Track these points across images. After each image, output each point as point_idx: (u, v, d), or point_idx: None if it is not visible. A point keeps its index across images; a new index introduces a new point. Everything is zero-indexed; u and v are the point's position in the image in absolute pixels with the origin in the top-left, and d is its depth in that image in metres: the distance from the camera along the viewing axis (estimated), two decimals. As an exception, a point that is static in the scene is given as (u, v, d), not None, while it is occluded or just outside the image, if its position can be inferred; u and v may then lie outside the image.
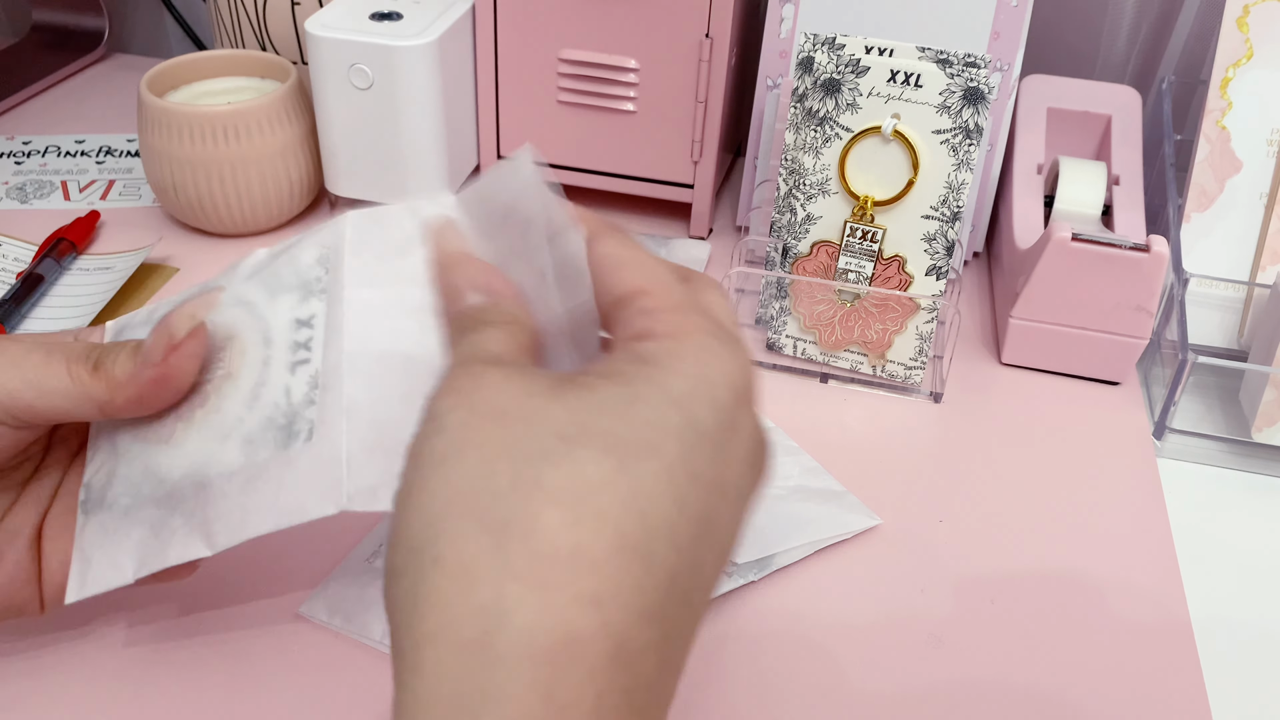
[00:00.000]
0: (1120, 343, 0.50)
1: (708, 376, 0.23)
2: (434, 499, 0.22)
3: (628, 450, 0.22)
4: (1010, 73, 0.54)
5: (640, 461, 0.22)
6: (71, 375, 0.31)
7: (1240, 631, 0.40)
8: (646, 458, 0.22)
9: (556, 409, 0.22)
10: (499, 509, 0.21)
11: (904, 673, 0.37)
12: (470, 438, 0.22)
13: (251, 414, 0.31)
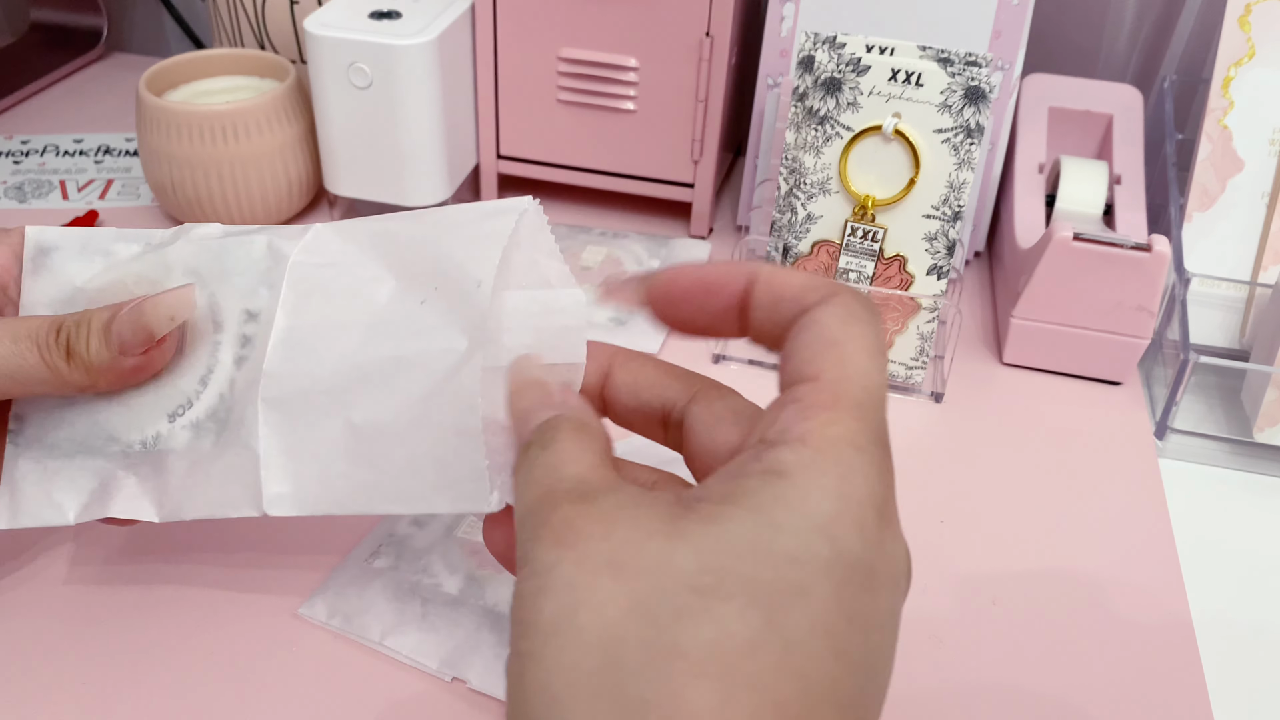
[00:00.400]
0: (1122, 342, 0.50)
1: (852, 494, 0.20)
2: (553, 676, 0.19)
3: (774, 598, 0.19)
4: (1011, 72, 0.54)
5: (791, 611, 0.19)
6: (47, 363, 0.31)
7: (1242, 631, 0.40)
8: (797, 605, 0.19)
9: (683, 552, 0.19)
10: (633, 686, 0.18)
11: (905, 673, 0.37)
12: (585, 599, 0.19)
13: (201, 398, 0.32)
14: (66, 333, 0.31)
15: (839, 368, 0.22)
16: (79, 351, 0.31)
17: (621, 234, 0.60)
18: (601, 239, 0.60)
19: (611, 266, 0.57)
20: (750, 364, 0.52)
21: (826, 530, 0.20)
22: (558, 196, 0.65)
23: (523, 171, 0.62)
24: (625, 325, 0.53)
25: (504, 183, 0.64)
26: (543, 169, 0.62)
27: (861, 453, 0.21)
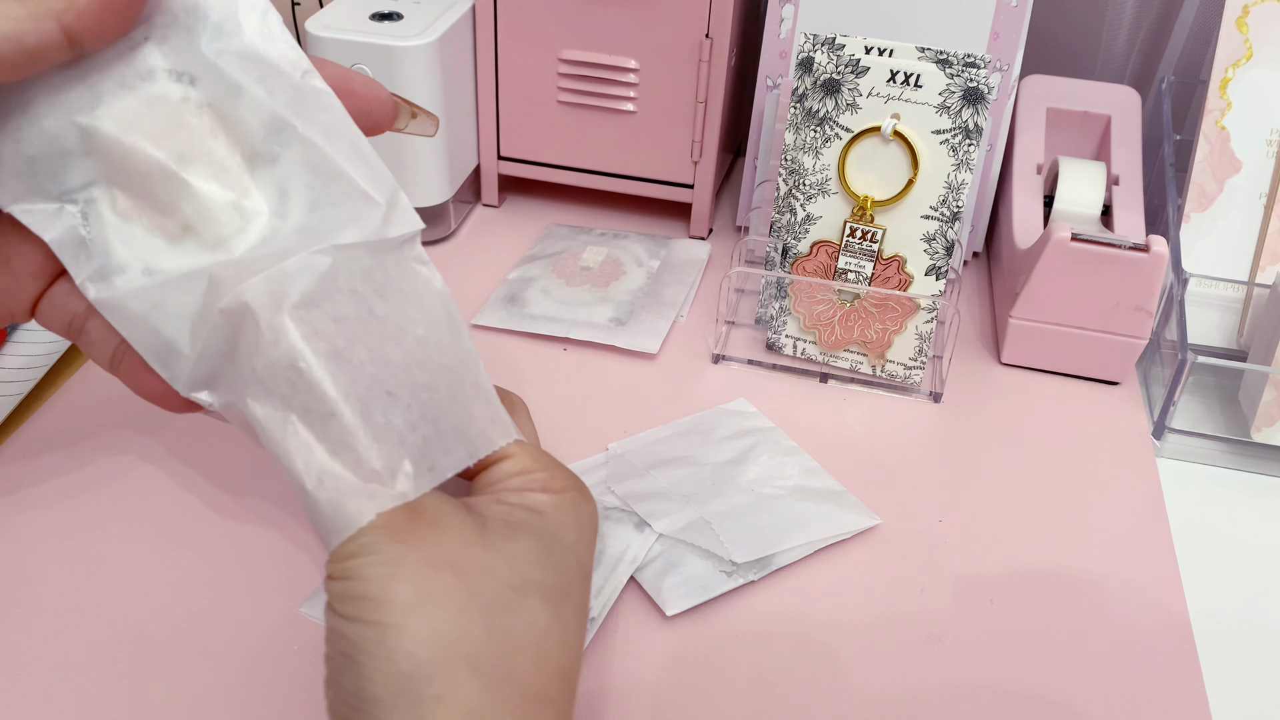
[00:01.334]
0: (1120, 343, 0.50)
1: (583, 526, 0.31)
2: (420, 642, 0.26)
3: (556, 596, 0.29)
4: (1010, 73, 0.54)
5: (564, 605, 0.29)
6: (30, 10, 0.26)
7: (1239, 631, 0.40)
8: (566, 600, 0.29)
9: (495, 560, 0.28)
10: (483, 655, 0.26)
11: (904, 672, 0.37)
12: (436, 588, 0.26)
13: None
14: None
15: (514, 444, 0.31)
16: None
17: (621, 234, 0.60)
18: (601, 239, 0.60)
19: (611, 266, 0.57)
20: (750, 364, 0.52)
21: (575, 550, 0.30)
22: (558, 197, 0.65)
23: (523, 172, 0.62)
24: (625, 326, 0.53)
25: (504, 183, 0.64)
26: (543, 169, 0.62)
27: (582, 494, 0.31)
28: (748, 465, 0.44)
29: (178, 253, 0.28)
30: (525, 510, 0.30)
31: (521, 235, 0.61)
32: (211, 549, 0.41)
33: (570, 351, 0.52)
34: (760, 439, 0.46)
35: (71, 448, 0.45)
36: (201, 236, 0.28)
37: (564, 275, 0.56)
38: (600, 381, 0.50)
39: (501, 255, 0.59)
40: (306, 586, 0.39)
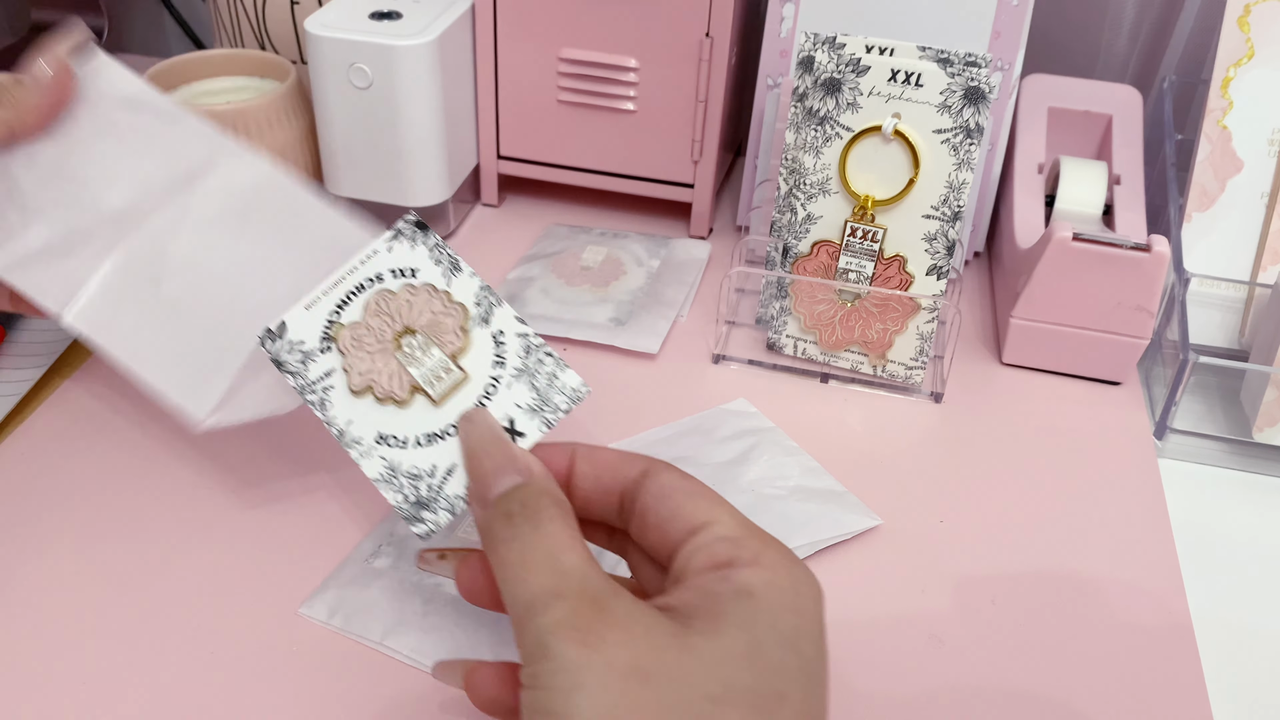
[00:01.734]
0: (1121, 343, 0.50)
1: (804, 609, 0.26)
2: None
3: (767, 704, 0.24)
4: (1011, 72, 0.54)
5: (777, 713, 0.24)
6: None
7: (1241, 631, 0.40)
8: (782, 707, 0.24)
9: (692, 664, 0.24)
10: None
11: (904, 673, 0.37)
12: (620, 702, 0.23)
13: (416, 448, 0.33)
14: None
15: (723, 508, 0.28)
16: (6, 96, 0.35)
17: (621, 234, 0.60)
18: (601, 239, 0.60)
19: (611, 266, 0.57)
20: (750, 364, 0.52)
21: (793, 644, 0.26)
22: (558, 196, 0.65)
23: (523, 171, 0.62)
24: (625, 325, 0.53)
25: (504, 183, 0.64)
26: (543, 169, 0.62)
27: (801, 568, 0.27)
28: (748, 465, 0.44)
29: (408, 416, 0.33)
30: (732, 594, 0.26)
31: (521, 235, 0.61)
32: (210, 549, 0.41)
33: (570, 351, 0.52)
34: (761, 439, 0.46)
35: (69, 446, 0.45)
36: (428, 395, 0.33)
37: (564, 275, 0.56)
38: (600, 382, 0.50)
39: (501, 255, 0.59)
40: (306, 586, 0.39)
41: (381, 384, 0.33)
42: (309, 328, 0.34)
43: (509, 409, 0.33)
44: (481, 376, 0.33)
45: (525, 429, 0.33)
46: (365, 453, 0.32)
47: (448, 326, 0.34)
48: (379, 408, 0.33)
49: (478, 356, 0.34)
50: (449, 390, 0.33)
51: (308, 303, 0.34)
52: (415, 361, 0.33)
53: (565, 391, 0.33)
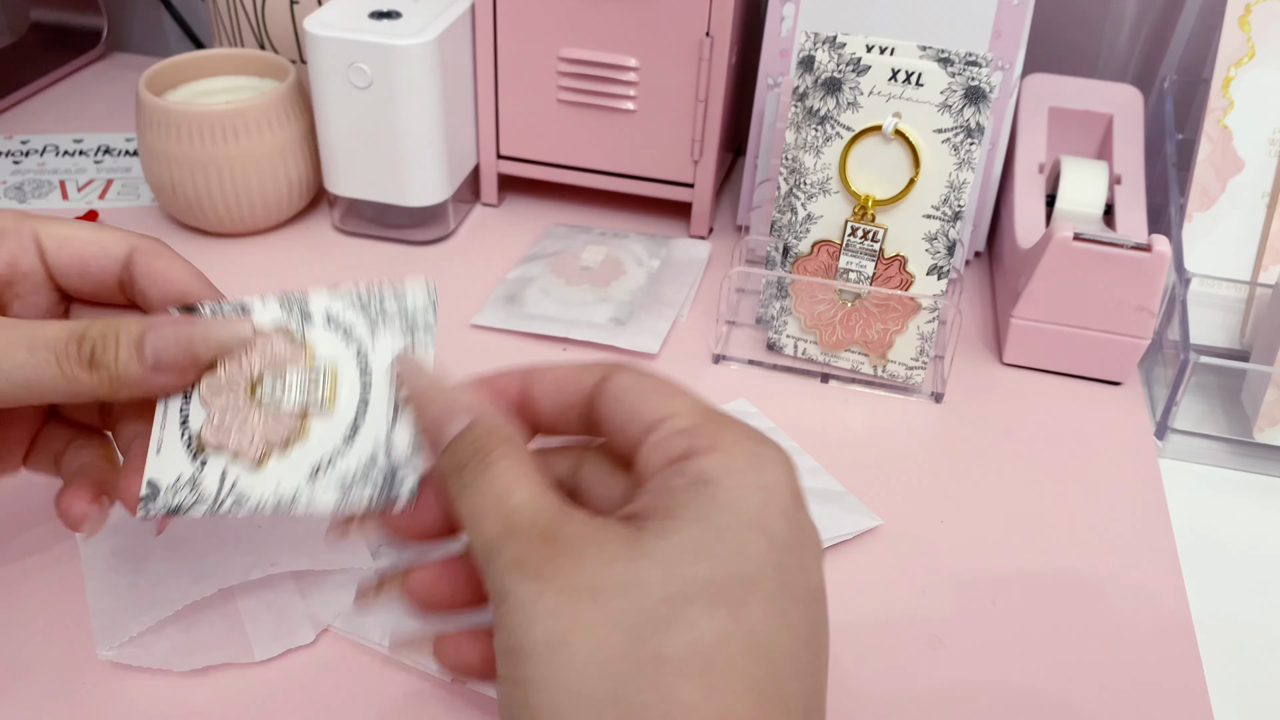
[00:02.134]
0: (1122, 343, 0.50)
1: (770, 485, 0.24)
2: (557, 695, 0.21)
3: (731, 593, 0.22)
4: (1011, 71, 0.54)
5: (747, 601, 0.22)
6: (65, 374, 0.29)
7: (1242, 631, 0.40)
8: (750, 594, 0.22)
9: (646, 568, 0.22)
10: (630, 694, 0.21)
11: (905, 674, 0.37)
12: (571, 625, 0.22)
13: (346, 454, 0.31)
14: (91, 343, 0.29)
15: (681, 400, 0.27)
16: (105, 363, 0.29)
17: (621, 234, 0.60)
18: (601, 239, 0.60)
19: (611, 266, 0.57)
20: (750, 364, 0.52)
21: (759, 523, 0.23)
22: (558, 196, 0.65)
23: (523, 171, 0.62)
24: (625, 325, 0.53)
25: (504, 183, 0.64)
26: (543, 169, 0.62)
27: (764, 444, 0.25)
28: (748, 466, 0.44)
29: (317, 438, 0.32)
30: (689, 484, 0.24)
31: (521, 235, 0.61)
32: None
33: (570, 351, 0.52)
34: (761, 439, 0.46)
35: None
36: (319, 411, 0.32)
37: (564, 275, 0.56)
38: (600, 381, 0.50)
39: (501, 255, 0.59)
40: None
41: (275, 438, 0.31)
42: (173, 461, 0.31)
43: (390, 356, 0.31)
44: (346, 358, 0.32)
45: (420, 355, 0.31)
46: (311, 498, 0.31)
47: (282, 349, 0.32)
48: (288, 454, 0.31)
49: (327, 348, 0.32)
50: (330, 392, 0.32)
51: (154, 449, 0.31)
52: (284, 398, 0.31)
53: (417, 302, 0.32)
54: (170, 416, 0.31)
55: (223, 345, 0.31)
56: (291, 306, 0.32)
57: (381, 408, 0.31)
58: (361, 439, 0.31)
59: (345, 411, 0.31)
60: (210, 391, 0.31)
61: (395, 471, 0.30)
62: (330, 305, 0.32)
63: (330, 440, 0.31)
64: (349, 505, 0.30)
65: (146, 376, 0.29)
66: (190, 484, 0.31)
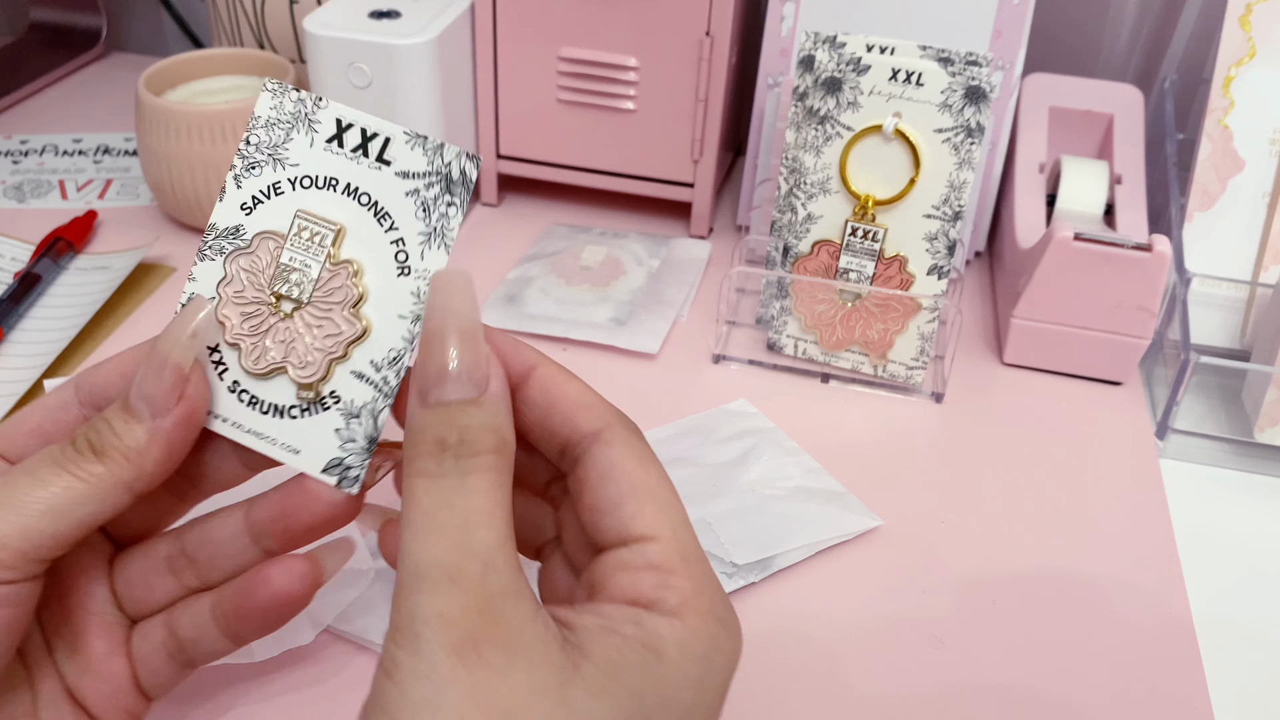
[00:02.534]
0: (1122, 343, 0.50)
1: (710, 683, 0.23)
2: None
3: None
4: (1012, 71, 0.54)
5: None
6: (79, 477, 0.26)
7: (1242, 632, 0.40)
8: None
9: (565, 717, 0.21)
10: None
11: (905, 674, 0.37)
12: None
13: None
14: (85, 436, 0.26)
15: (667, 521, 0.25)
16: (109, 444, 0.26)
17: (621, 234, 0.60)
18: (601, 239, 0.59)
19: (611, 266, 0.57)
20: (750, 364, 0.52)
21: (689, 714, 0.23)
22: (558, 196, 0.65)
23: (523, 171, 0.62)
24: (625, 325, 0.52)
25: (504, 182, 0.64)
26: (543, 169, 0.62)
27: (725, 627, 0.24)
28: (748, 466, 0.44)
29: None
30: (639, 645, 0.23)
31: (521, 234, 0.61)
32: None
33: (570, 351, 0.52)
34: (761, 440, 0.46)
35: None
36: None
37: (563, 275, 0.56)
38: (600, 382, 0.49)
39: (500, 255, 0.59)
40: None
41: (332, 342, 0.28)
42: (276, 426, 0.28)
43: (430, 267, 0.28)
44: (363, 225, 0.28)
45: (431, 264, 0.28)
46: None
47: (272, 256, 0.28)
48: (349, 358, 0.28)
49: (342, 214, 0.28)
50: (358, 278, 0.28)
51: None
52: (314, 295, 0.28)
53: (458, 172, 0.28)
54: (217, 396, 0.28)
55: (193, 329, 0.27)
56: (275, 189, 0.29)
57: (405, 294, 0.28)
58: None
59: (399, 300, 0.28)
60: (239, 330, 0.28)
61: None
62: (331, 168, 0.28)
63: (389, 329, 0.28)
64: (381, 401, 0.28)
65: (156, 429, 0.26)
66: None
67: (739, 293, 0.56)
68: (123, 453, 0.26)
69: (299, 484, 0.28)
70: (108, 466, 0.26)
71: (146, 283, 0.55)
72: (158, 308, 0.54)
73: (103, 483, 0.26)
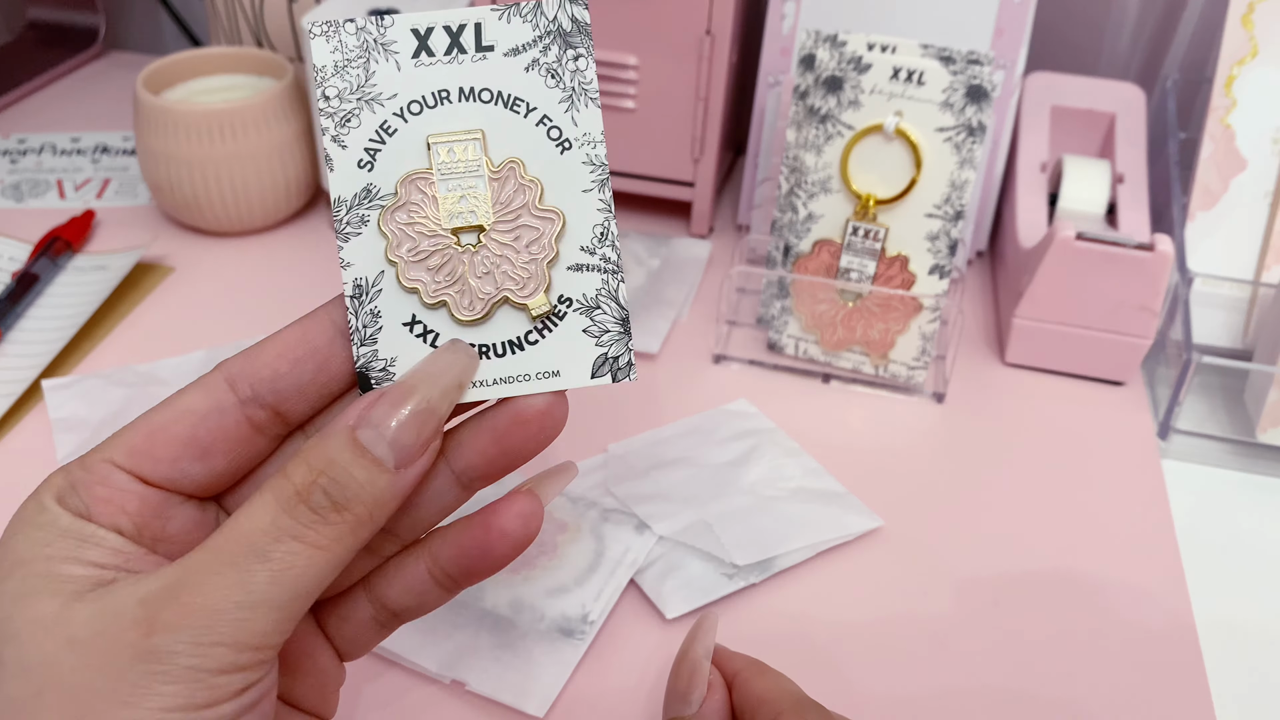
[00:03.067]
0: (1124, 343, 0.49)
1: None
2: None
3: None
4: (1014, 70, 0.54)
5: None
6: (322, 546, 0.22)
7: (1244, 633, 0.40)
8: None
9: None
10: None
11: (906, 676, 0.37)
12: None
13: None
14: (322, 491, 0.22)
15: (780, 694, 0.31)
16: (353, 498, 0.22)
17: (622, 233, 0.60)
18: (601, 238, 0.59)
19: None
20: (751, 364, 0.51)
21: None
22: (557, 195, 0.64)
23: (522, 170, 0.62)
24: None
25: (503, 182, 0.64)
26: (542, 168, 0.61)
27: None
28: (749, 466, 0.44)
29: None
30: None
31: (521, 234, 0.61)
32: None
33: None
34: (761, 440, 0.46)
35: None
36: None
37: (563, 274, 0.56)
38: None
39: (500, 254, 0.59)
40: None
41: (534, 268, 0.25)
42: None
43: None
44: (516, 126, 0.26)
45: (587, 124, 0.26)
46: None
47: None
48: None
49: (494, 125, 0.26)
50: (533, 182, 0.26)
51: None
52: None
53: (569, 22, 0.25)
54: (390, 333, 0.25)
55: (462, 385, 0.24)
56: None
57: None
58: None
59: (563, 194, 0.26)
60: (437, 286, 0.25)
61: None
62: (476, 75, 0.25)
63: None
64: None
65: (402, 480, 0.23)
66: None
67: (739, 292, 0.56)
68: (367, 507, 0.23)
69: (506, 405, 0.25)
70: (349, 525, 0.23)
71: (145, 282, 0.55)
72: (156, 307, 0.54)
73: (343, 547, 0.23)
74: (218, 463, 0.25)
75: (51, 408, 0.46)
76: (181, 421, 0.24)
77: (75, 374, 0.48)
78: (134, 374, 0.48)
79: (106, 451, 0.24)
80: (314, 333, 0.25)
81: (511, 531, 0.25)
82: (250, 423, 0.25)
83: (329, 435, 0.23)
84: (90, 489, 0.24)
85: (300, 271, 0.57)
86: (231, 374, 0.25)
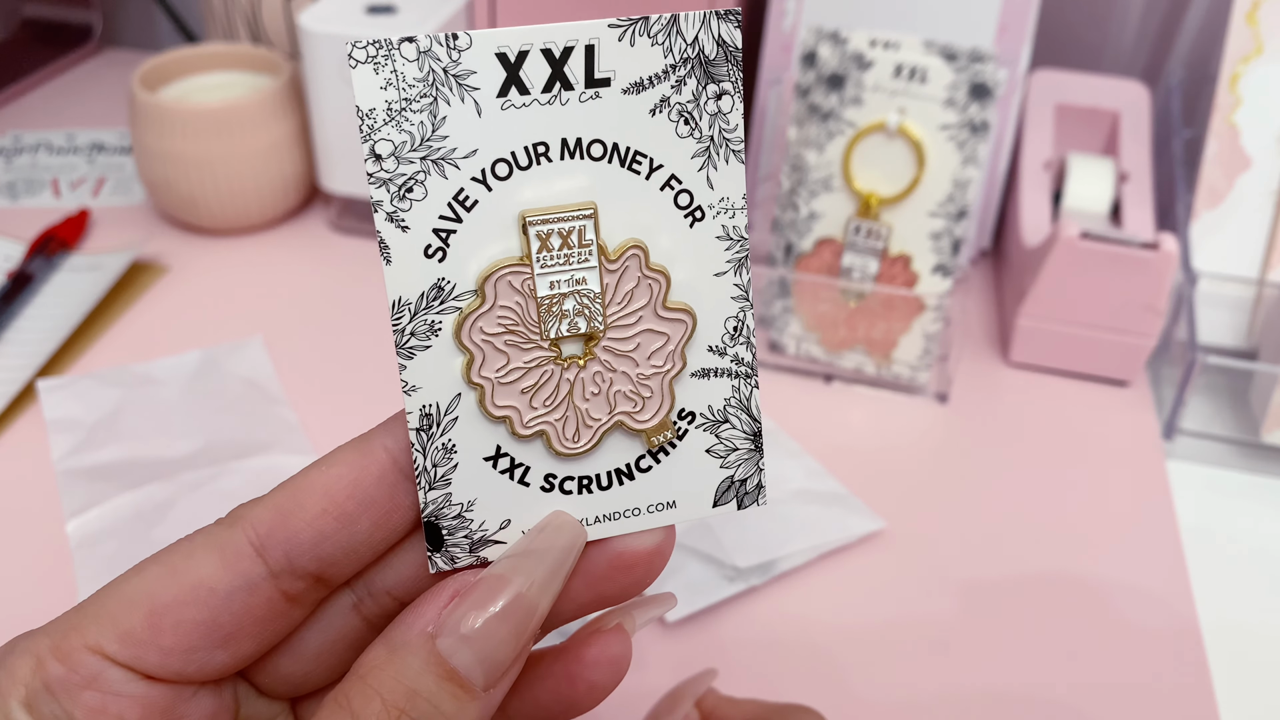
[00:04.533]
0: (1129, 342, 0.49)
1: None
2: None
3: None
4: (1017, 67, 0.53)
5: None
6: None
7: (1249, 635, 0.40)
8: None
9: None
10: None
11: (909, 678, 0.37)
12: None
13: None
14: (410, 709, 0.18)
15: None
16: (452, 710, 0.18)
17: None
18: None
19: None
20: (752, 364, 0.51)
21: None
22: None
23: (521, 169, 0.61)
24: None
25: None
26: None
27: None
28: (750, 468, 0.44)
29: None
30: None
31: (520, 233, 0.60)
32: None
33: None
34: (763, 441, 0.45)
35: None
36: None
37: (563, 273, 0.55)
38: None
39: (499, 253, 0.58)
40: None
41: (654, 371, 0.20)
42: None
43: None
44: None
45: (725, 186, 0.20)
46: None
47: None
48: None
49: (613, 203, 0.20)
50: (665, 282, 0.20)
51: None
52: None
53: (712, 46, 0.19)
54: (468, 467, 0.20)
55: (560, 560, 0.20)
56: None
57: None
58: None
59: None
60: (537, 416, 0.20)
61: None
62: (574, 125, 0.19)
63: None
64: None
65: (490, 701, 0.19)
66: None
67: (740, 292, 0.56)
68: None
69: (605, 544, 0.21)
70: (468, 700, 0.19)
71: (140, 282, 0.55)
72: (152, 307, 0.53)
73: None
74: (244, 648, 0.20)
75: (46, 408, 0.45)
76: (197, 604, 0.19)
77: (70, 374, 0.48)
78: (129, 374, 0.47)
79: (90, 633, 0.18)
80: (368, 478, 0.20)
81: (601, 684, 0.21)
82: (285, 596, 0.20)
83: (404, 651, 0.18)
84: (74, 696, 0.18)
85: (297, 271, 0.56)
86: (260, 536, 0.19)
